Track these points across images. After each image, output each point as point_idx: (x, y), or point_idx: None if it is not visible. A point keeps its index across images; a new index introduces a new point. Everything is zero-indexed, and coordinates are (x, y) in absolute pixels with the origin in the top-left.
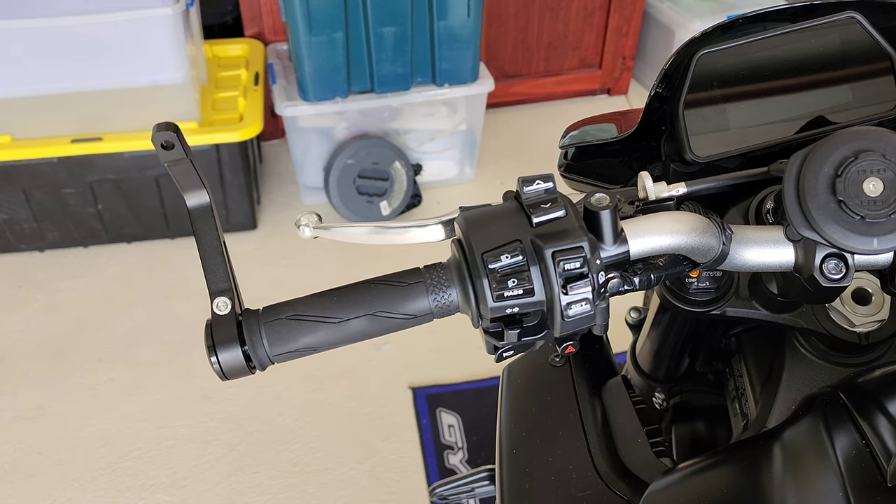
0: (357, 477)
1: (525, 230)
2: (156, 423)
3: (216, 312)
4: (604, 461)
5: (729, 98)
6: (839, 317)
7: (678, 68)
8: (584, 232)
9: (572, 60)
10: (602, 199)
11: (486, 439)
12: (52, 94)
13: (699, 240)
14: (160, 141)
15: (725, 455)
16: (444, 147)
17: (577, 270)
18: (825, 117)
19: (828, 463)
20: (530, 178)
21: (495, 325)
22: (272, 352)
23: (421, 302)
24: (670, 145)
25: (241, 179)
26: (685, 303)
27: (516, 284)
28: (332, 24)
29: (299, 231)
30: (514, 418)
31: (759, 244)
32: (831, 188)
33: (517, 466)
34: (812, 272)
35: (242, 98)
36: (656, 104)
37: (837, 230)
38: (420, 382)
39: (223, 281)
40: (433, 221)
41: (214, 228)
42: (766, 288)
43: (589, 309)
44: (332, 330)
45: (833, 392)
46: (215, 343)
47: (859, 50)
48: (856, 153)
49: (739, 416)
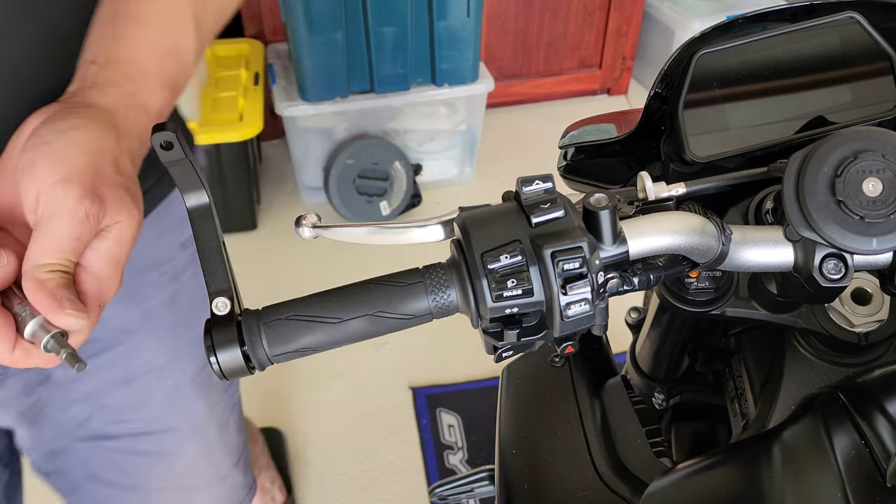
0: (357, 477)
1: (524, 230)
2: None
3: (215, 313)
4: (603, 461)
5: (728, 98)
6: (839, 317)
7: (677, 68)
8: (583, 232)
9: (572, 60)
10: (601, 200)
11: (486, 439)
12: None
13: (698, 240)
14: (159, 141)
15: (725, 455)
16: (443, 147)
17: (576, 271)
18: (825, 117)
19: (827, 463)
20: (529, 178)
21: (495, 325)
22: (271, 352)
23: (420, 302)
24: (670, 145)
25: (241, 179)
26: (685, 303)
27: (515, 285)
28: (332, 24)
29: (299, 231)
30: (513, 418)
31: (758, 244)
32: (831, 188)
33: (517, 467)
34: (811, 272)
35: (242, 98)
36: (656, 104)
37: (837, 230)
38: (420, 382)
39: (222, 281)
40: (433, 221)
41: (214, 229)
42: (766, 288)
43: (588, 309)
44: (332, 330)
45: (832, 392)
46: (214, 343)
47: (859, 50)
48: (855, 153)
49: (739, 417)
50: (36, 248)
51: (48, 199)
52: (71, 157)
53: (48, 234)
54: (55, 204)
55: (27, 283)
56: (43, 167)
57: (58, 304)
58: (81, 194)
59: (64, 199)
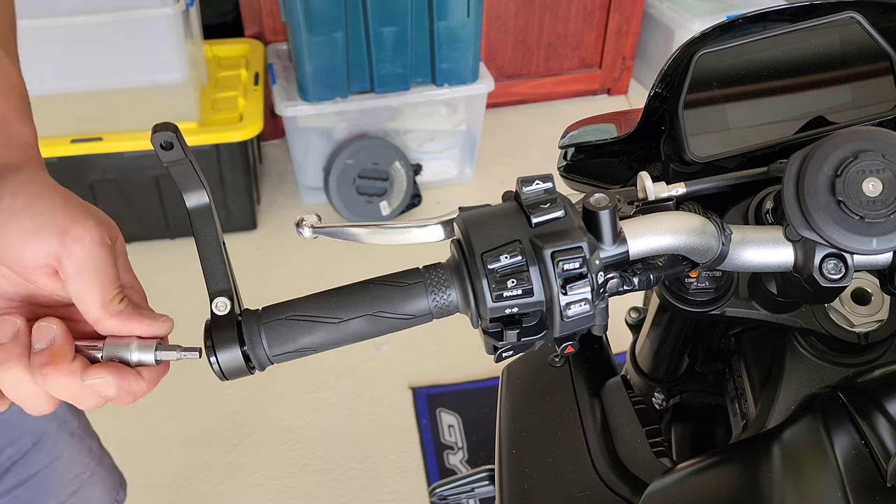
0: (357, 477)
1: (524, 230)
2: (156, 422)
3: (215, 313)
4: (603, 461)
5: (728, 98)
6: (838, 317)
7: (677, 68)
8: (583, 232)
9: (572, 60)
10: (601, 200)
11: (485, 439)
12: (52, 94)
13: (698, 240)
14: (159, 141)
15: (725, 455)
16: (443, 147)
17: (576, 271)
18: (824, 117)
19: (827, 463)
20: (529, 178)
21: (495, 325)
22: (271, 352)
23: (420, 302)
24: (670, 145)
25: (241, 179)
26: (685, 303)
27: (515, 285)
28: (331, 24)
29: (299, 231)
30: (513, 419)
31: (758, 244)
32: (831, 188)
33: (517, 467)
34: (811, 272)
35: (242, 98)
36: (655, 104)
37: (837, 230)
38: (420, 382)
39: (222, 281)
40: (433, 221)
41: (214, 229)
42: (766, 288)
43: (588, 309)
44: (332, 330)
45: (832, 392)
46: (214, 343)
47: (859, 50)
48: (855, 153)
49: (739, 416)
50: (95, 290)
51: (70, 250)
52: (48, 209)
53: (96, 273)
54: (79, 248)
55: (109, 324)
56: (39, 237)
57: (149, 319)
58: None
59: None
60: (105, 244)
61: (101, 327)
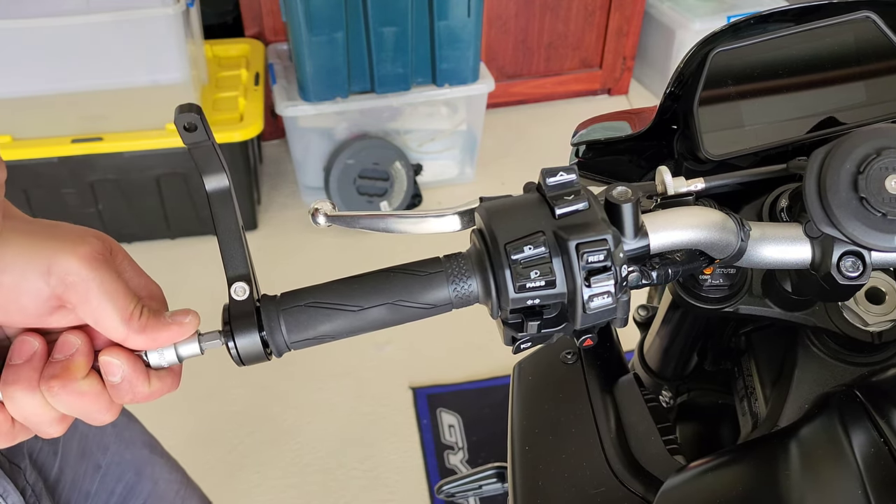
0: (357, 477)
1: (548, 221)
2: (156, 422)
3: (234, 298)
4: (617, 458)
5: (743, 96)
6: (852, 315)
7: (692, 66)
8: (607, 225)
9: (573, 60)
10: (624, 193)
11: (486, 439)
12: (52, 93)
13: (718, 235)
14: (183, 122)
15: (741, 453)
16: (444, 147)
17: (600, 263)
18: (838, 116)
19: (846, 460)
20: (553, 169)
21: (515, 316)
22: (290, 339)
23: (441, 292)
24: (683, 144)
25: (242, 179)
26: (698, 300)
27: (538, 276)
28: (332, 24)
29: (313, 219)
30: (525, 415)
31: (776, 241)
32: (853, 185)
33: (530, 463)
34: (829, 269)
35: (243, 98)
36: (668, 103)
37: (859, 227)
38: (420, 382)
39: (241, 266)
40: (450, 211)
41: (233, 213)
42: (780, 286)
43: (611, 302)
44: (351, 318)
45: (849, 390)
46: (233, 328)
47: (873, 49)
48: (878, 150)
49: (748, 416)
50: (108, 312)
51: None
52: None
53: (102, 295)
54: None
55: (137, 341)
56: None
57: (175, 325)
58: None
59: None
60: (97, 262)
61: (131, 345)
